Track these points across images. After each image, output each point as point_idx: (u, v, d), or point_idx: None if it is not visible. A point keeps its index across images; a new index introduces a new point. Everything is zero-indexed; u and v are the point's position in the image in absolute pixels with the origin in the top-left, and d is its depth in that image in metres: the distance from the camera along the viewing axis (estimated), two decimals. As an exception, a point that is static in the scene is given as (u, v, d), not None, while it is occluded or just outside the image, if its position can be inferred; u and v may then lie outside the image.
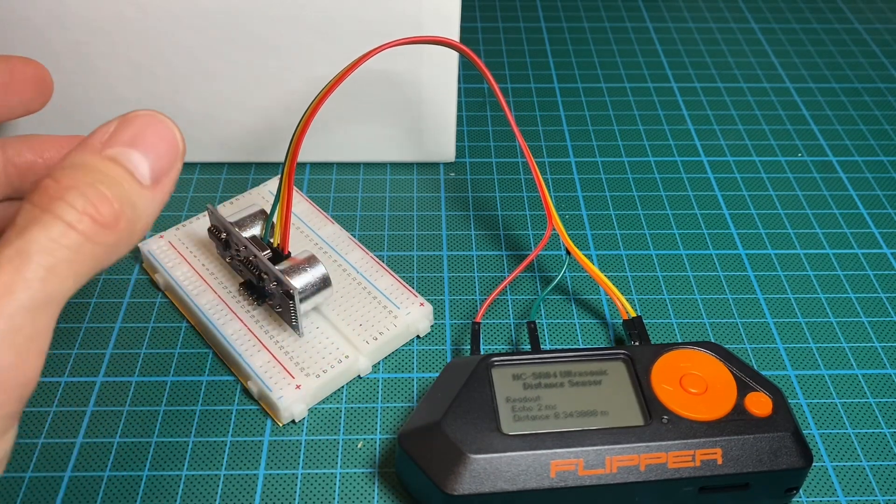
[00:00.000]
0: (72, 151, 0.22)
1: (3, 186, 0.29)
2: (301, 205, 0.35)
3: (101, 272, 0.21)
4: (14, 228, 0.20)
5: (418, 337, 0.31)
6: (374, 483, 0.27)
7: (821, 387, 0.30)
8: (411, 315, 0.31)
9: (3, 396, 0.18)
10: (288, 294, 0.28)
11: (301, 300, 0.28)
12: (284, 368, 0.29)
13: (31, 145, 0.30)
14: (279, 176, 0.29)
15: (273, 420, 0.29)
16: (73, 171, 0.21)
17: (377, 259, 0.33)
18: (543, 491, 0.24)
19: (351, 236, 0.34)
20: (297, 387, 0.28)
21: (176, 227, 0.34)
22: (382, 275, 0.32)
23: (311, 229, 0.34)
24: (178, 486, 0.27)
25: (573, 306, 0.33)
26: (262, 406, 0.29)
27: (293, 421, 0.29)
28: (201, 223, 0.34)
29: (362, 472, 0.27)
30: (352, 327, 0.30)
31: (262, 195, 0.36)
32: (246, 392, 0.29)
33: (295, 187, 0.36)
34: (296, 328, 0.29)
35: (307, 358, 0.29)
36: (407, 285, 0.32)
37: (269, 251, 0.30)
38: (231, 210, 0.35)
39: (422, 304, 0.31)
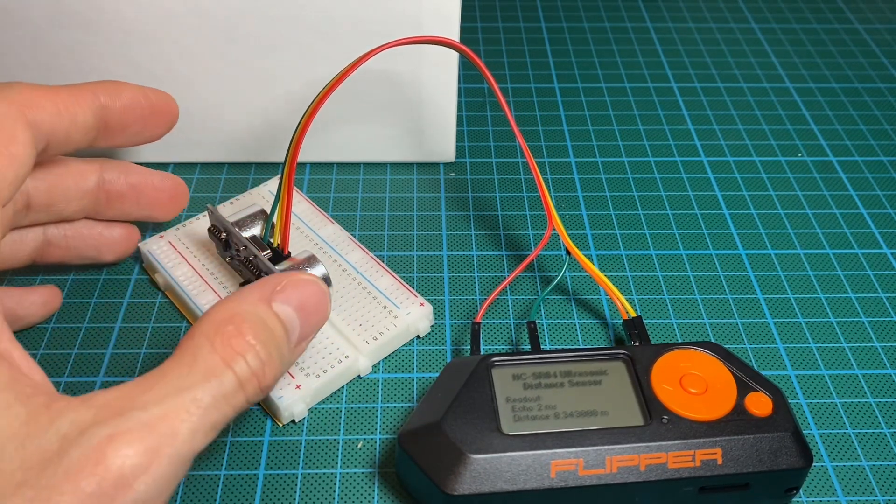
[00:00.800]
0: (246, 294, 0.23)
1: (89, 209, 0.31)
2: (301, 205, 0.35)
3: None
4: (194, 368, 0.21)
5: (418, 337, 0.31)
6: (374, 483, 0.27)
7: (821, 387, 0.30)
8: (411, 315, 0.31)
9: None
10: (288, 294, 0.28)
11: (301, 300, 0.28)
12: (284, 368, 0.29)
13: (128, 174, 0.32)
14: (279, 176, 0.29)
15: (273, 420, 0.29)
16: (251, 326, 0.22)
17: (377, 259, 0.33)
18: (543, 491, 0.24)
19: (351, 236, 0.34)
20: (297, 387, 0.28)
21: (176, 227, 0.34)
22: (382, 275, 0.32)
23: (311, 229, 0.34)
24: (178, 486, 0.27)
25: (573, 306, 0.33)
26: (262, 406, 0.29)
27: (293, 421, 0.29)
28: (201, 223, 0.34)
29: (362, 472, 0.27)
30: (352, 327, 0.30)
31: (263, 195, 0.36)
32: (246, 392, 0.29)
33: (295, 187, 0.36)
34: (296, 328, 0.29)
35: (307, 358, 0.29)
36: (407, 285, 0.32)
37: (269, 251, 0.30)
38: (231, 210, 0.35)
39: (422, 304, 0.31)
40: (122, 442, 0.19)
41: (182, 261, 0.33)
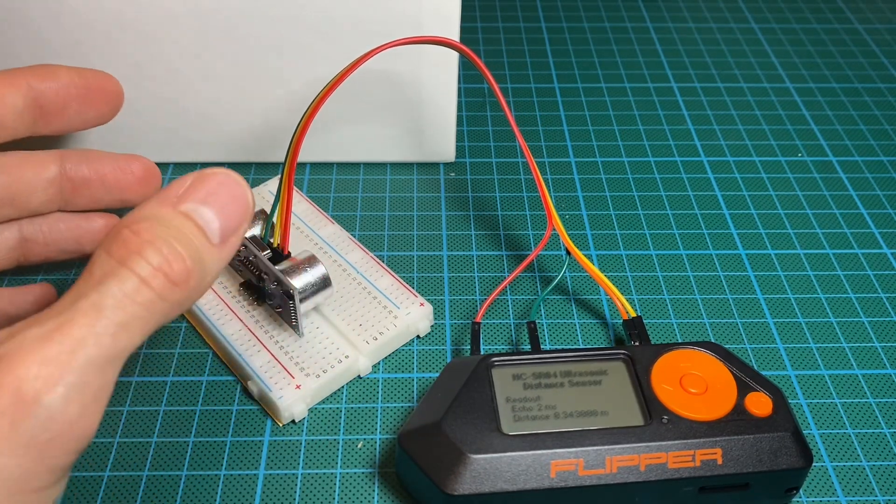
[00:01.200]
0: (147, 202, 0.22)
1: (56, 199, 0.31)
2: (301, 205, 0.35)
3: (161, 327, 0.21)
4: (90, 279, 0.20)
5: (418, 337, 0.31)
6: (374, 483, 0.27)
7: (821, 387, 0.30)
8: (411, 315, 0.31)
9: (63, 448, 0.19)
10: (288, 294, 0.28)
11: (301, 300, 0.28)
12: (284, 368, 0.29)
13: (89, 160, 0.31)
14: (279, 176, 0.29)
15: (273, 420, 0.29)
16: (149, 225, 0.21)
17: (377, 259, 0.33)
18: (543, 491, 0.24)
19: (351, 236, 0.34)
20: (297, 387, 0.28)
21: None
22: (382, 275, 0.32)
23: (312, 229, 0.34)
24: (178, 486, 0.27)
25: (573, 306, 0.33)
26: (262, 406, 0.29)
27: (293, 421, 0.29)
28: (201, 223, 0.34)
29: (362, 472, 0.27)
30: (352, 327, 0.30)
31: (263, 195, 0.36)
32: (246, 392, 0.29)
33: (295, 187, 0.36)
34: (296, 328, 0.29)
35: (307, 358, 0.29)
36: (407, 285, 0.32)
37: (269, 251, 0.30)
38: (231, 210, 0.35)
39: (422, 305, 0.31)
40: (17, 361, 0.18)
41: (182, 261, 0.33)
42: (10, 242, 0.30)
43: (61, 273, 0.34)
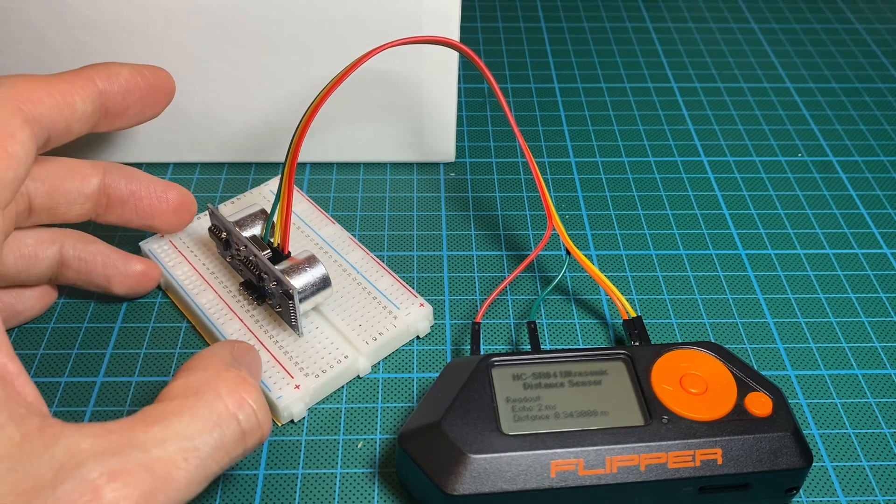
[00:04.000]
0: (219, 350, 0.24)
1: (90, 213, 0.30)
2: (302, 204, 0.35)
3: None
4: (194, 411, 0.21)
5: (418, 337, 0.31)
6: (374, 483, 0.27)
7: (821, 387, 0.30)
8: (411, 315, 0.31)
9: None
10: (287, 294, 0.28)
11: (300, 300, 0.28)
12: (284, 368, 0.29)
13: (129, 179, 0.31)
14: (279, 176, 0.29)
15: (272, 420, 0.29)
16: (247, 375, 0.22)
17: (377, 259, 0.33)
18: (543, 491, 0.24)
19: (351, 236, 0.34)
20: (297, 387, 0.28)
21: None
22: (383, 275, 0.32)
23: (312, 229, 0.34)
24: None
25: (573, 306, 0.33)
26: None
27: (292, 421, 0.29)
28: (202, 223, 0.34)
29: (362, 472, 0.27)
30: (351, 327, 0.30)
31: (263, 195, 0.36)
32: (246, 392, 0.29)
33: (295, 187, 0.36)
34: (295, 328, 0.29)
35: (306, 358, 0.29)
36: (407, 286, 0.32)
37: (269, 251, 0.30)
38: (232, 209, 0.35)
39: (422, 305, 0.31)
40: (120, 482, 0.18)
41: (183, 260, 0.33)
42: (48, 262, 0.30)
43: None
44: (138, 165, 0.39)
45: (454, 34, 0.34)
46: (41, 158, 0.28)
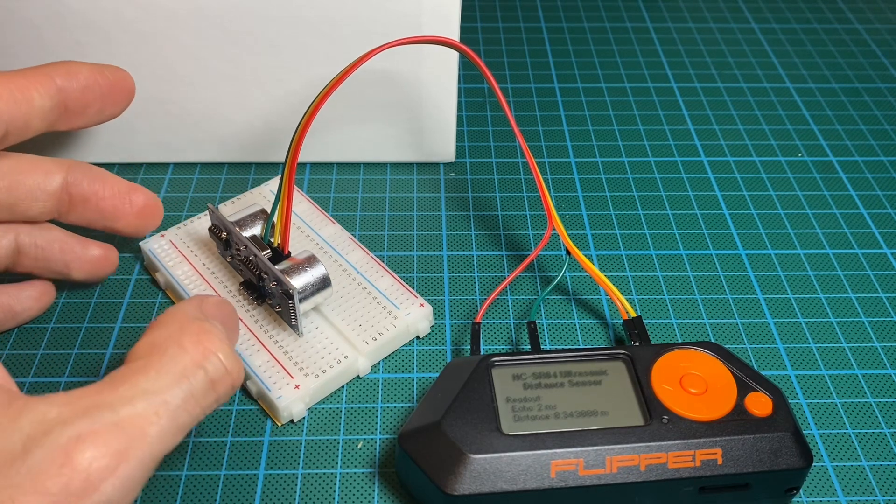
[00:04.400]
0: (183, 306, 0.23)
1: (52, 211, 0.30)
2: (302, 204, 0.35)
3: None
4: (160, 367, 0.21)
5: (418, 338, 0.31)
6: (374, 483, 0.27)
7: (821, 387, 0.30)
8: (411, 316, 0.31)
9: None
10: (287, 294, 0.28)
11: (300, 300, 0.28)
12: (283, 368, 0.29)
13: (92, 178, 0.30)
14: (280, 176, 0.29)
15: (273, 420, 0.29)
16: (210, 326, 0.22)
17: (377, 259, 0.33)
18: (543, 491, 0.24)
19: (352, 236, 0.34)
20: (296, 387, 0.28)
21: (177, 226, 0.34)
22: (383, 275, 0.32)
23: (312, 229, 0.34)
24: (178, 486, 0.27)
25: (573, 306, 0.33)
26: (261, 405, 0.29)
27: (292, 421, 0.29)
28: (202, 222, 0.34)
29: (362, 472, 0.27)
30: (351, 327, 0.30)
31: (264, 195, 0.36)
32: (246, 392, 0.29)
33: (296, 187, 0.36)
34: (295, 328, 0.29)
35: (306, 358, 0.29)
36: (407, 286, 0.32)
37: (269, 251, 0.30)
38: (232, 209, 0.35)
39: (422, 305, 0.31)
40: (90, 443, 0.18)
41: (183, 260, 0.33)
42: (3, 251, 0.29)
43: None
44: (138, 165, 0.39)
45: (454, 34, 0.34)
46: (1, 154, 0.28)
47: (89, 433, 0.19)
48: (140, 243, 0.33)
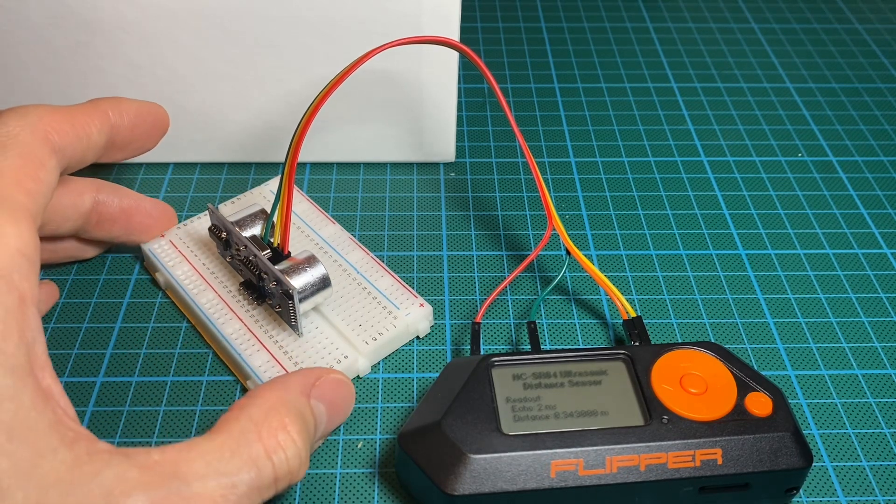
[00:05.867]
0: (290, 382, 0.24)
1: (78, 227, 0.31)
2: (302, 204, 0.35)
3: None
4: (235, 450, 0.21)
5: (418, 338, 0.31)
6: (374, 483, 0.27)
7: (821, 387, 0.30)
8: (411, 316, 0.31)
9: None
10: (287, 294, 0.28)
11: (300, 300, 0.28)
12: (283, 368, 0.29)
13: (122, 198, 0.32)
14: (280, 175, 0.29)
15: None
16: (294, 419, 0.23)
17: (377, 259, 0.33)
18: (543, 491, 0.24)
19: (351, 236, 0.34)
20: (297, 387, 0.28)
21: (177, 226, 0.34)
22: (383, 275, 0.32)
23: (313, 229, 0.34)
24: None
25: (573, 306, 0.33)
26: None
27: (293, 421, 0.29)
28: (202, 222, 0.34)
29: (362, 472, 0.27)
30: (351, 328, 0.30)
31: (264, 194, 0.36)
32: (245, 392, 0.29)
33: (296, 187, 0.36)
34: (295, 328, 0.29)
35: (306, 358, 0.29)
36: (407, 286, 0.32)
37: (268, 251, 0.30)
38: (232, 209, 0.35)
39: (422, 305, 0.31)
40: None
41: (183, 260, 0.33)
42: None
43: (61, 275, 0.34)
44: (138, 165, 0.39)
45: (454, 34, 0.34)
46: None
47: (163, 502, 0.19)
48: (141, 244, 0.33)
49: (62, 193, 0.30)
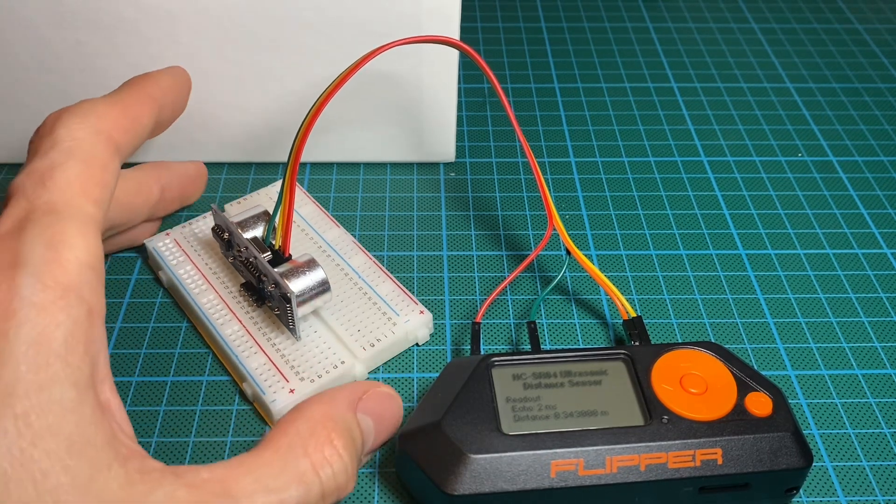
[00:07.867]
0: (337, 396, 0.24)
1: (148, 213, 0.33)
2: (307, 207, 0.35)
3: None
4: (283, 466, 0.21)
5: (417, 345, 0.31)
6: (374, 483, 0.27)
7: (821, 387, 0.30)
8: (410, 323, 0.30)
9: None
10: (285, 297, 0.28)
11: (298, 304, 0.28)
12: (280, 371, 0.29)
13: (178, 176, 0.34)
14: (282, 177, 0.29)
15: (268, 424, 0.29)
16: (341, 433, 0.23)
17: (380, 264, 0.33)
18: (544, 491, 0.24)
19: (355, 240, 0.34)
20: (291, 391, 0.28)
21: (182, 225, 0.34)
22: (384, 280, 0.32)
23: (316, 232, 0.34)
24: None
25: (573, 306, 0.33)
26: (256, 408, 0.29)
27: (293, 421, 0.28)
28: (206, 222, 0.34)
29: (362, 472, 0.27)
30: (350, 332, 0.30)
31: (270, 195, 0.36)
32: (242, 394, 0.29)
33: (302, 189, 0.36)
34: (293, 331, 0.29)
35: (303, 362, 0.29)
36: (408, 292, 0.31)
37: (269, 253, 0.30)
38: (237, 210, 0.35)
39: (422, 313, 0.31)
40: None
41: (186, 259, 0.33)
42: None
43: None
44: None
45: (455, 34, 0.34)
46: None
47: None
48: (145, 241, 0.33)
49: (137, 192, 0.31)
